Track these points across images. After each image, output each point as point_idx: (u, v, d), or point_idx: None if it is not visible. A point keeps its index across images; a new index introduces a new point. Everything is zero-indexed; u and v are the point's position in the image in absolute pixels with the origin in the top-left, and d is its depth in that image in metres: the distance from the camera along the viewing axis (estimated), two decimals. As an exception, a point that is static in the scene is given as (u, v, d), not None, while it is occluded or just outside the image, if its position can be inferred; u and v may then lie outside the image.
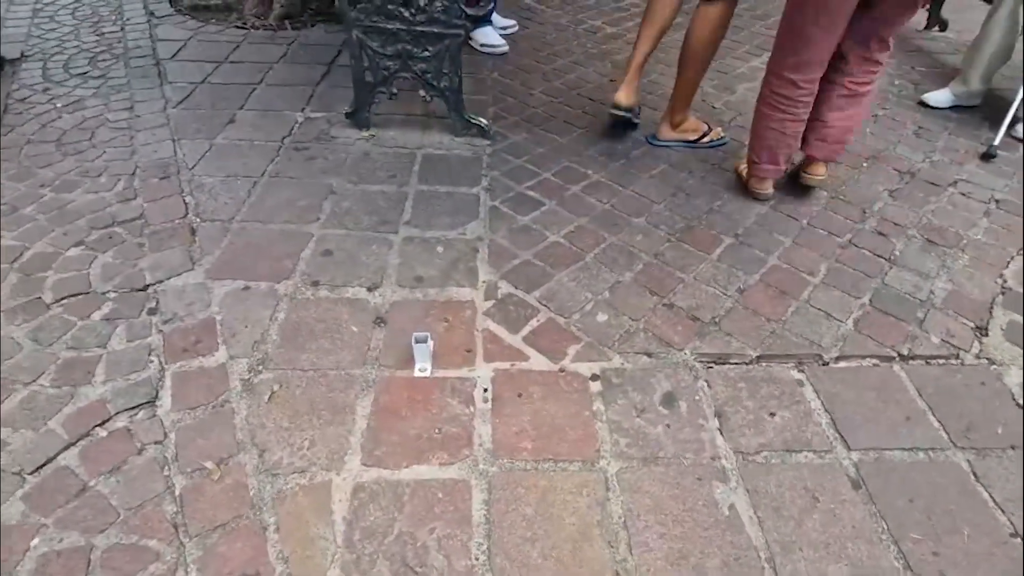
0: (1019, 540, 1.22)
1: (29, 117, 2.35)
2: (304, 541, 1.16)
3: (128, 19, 3.22)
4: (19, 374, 1.42)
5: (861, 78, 1.93)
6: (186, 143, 2.26)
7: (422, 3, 2.04)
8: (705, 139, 2.48)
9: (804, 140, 2.07)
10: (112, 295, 1.64)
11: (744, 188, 2.20)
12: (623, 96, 2.33)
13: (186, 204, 1.97)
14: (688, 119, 2.45)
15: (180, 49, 2.95)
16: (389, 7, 2.06)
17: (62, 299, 1.61)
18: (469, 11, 2.05)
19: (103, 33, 3.08)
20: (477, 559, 1.15)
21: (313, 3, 3.50)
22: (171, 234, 1.84)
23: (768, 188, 2.14)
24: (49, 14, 3.26)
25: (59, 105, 2.44)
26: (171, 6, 3.42)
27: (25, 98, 2.48)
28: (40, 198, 1.95)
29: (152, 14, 3.30)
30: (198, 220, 1.90)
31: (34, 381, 1.41)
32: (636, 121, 2.45)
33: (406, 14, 2.07)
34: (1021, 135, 2.57)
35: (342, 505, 1.22)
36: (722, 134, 2.51)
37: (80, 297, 1.62)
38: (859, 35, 1.85)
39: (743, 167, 2.23)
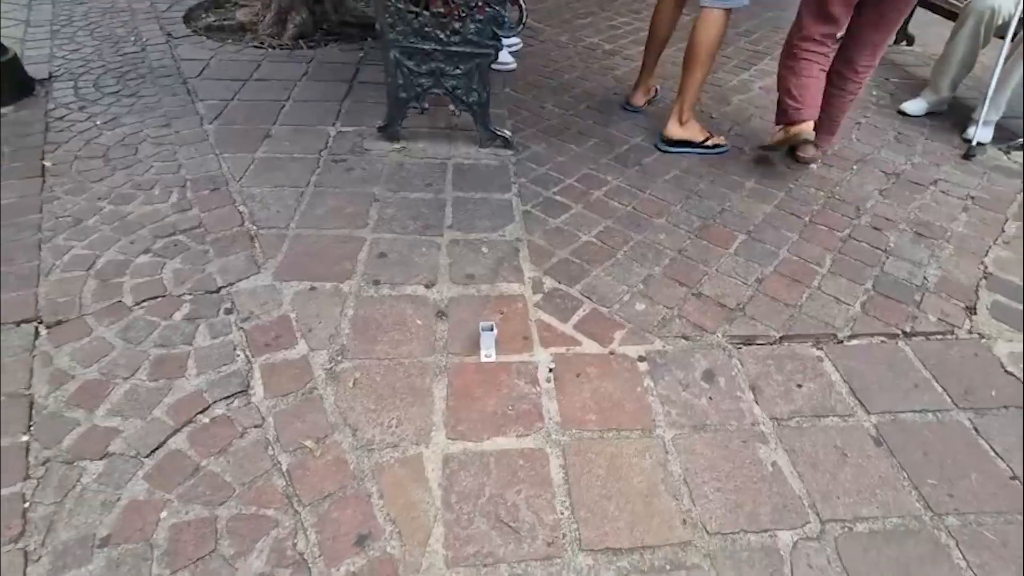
0: (1018, 483, 1.43)
1: (72, 135, 2.45)
2: (407, 505, 1.30)
3: (147, 40, 3.33)
4: (117, 370, 1.53)
5: (863, 68, 2.39)
6: (228, 157, 2.39)
7: (457, 26, 2.22)
8: (709, 142, 2.69)
9: None
10: (188, 297, 1.76)
11: (771, 165, 2.57)
12: (637, 99, 3.04)
13: (240, 213, 2.09)
14: (692, 120, 2.67)
15: (204, 68, 3.07)
16: (426, 29, 2.23)
17: (142, 302, 1.73)
18: (500, 32, 2.21)
19: (125, 53, 3.18)
20: (562, 514, 1.30)
21: (325, 23, 3.66)
22: (232, 241, 1.97)
23: (811, 128, 2.39)
24: (68, 35, 3.35)
25: (99, 123, 2.53)
26: (187, 27, 3.54)
27: (63, 116, 2.57)
28: (100, 210, 2.05)
29: (170, 35, 3.41)
30: (255, 228, 2.03)
31: (132, 376, 1.52)
32: (642, 112, 3.08)
33: (441, 36, 2.24)
34: (988, 139, 2.85)
35: (435, 473, 1.36)
36: (723, 141, 2.73)
37: (159, 300, 1.74)
38: (865, 36, 2.30)
39: (777, 135, 2.49)
